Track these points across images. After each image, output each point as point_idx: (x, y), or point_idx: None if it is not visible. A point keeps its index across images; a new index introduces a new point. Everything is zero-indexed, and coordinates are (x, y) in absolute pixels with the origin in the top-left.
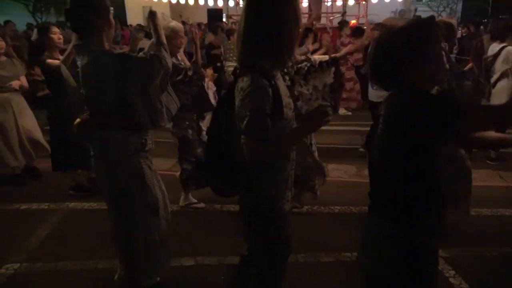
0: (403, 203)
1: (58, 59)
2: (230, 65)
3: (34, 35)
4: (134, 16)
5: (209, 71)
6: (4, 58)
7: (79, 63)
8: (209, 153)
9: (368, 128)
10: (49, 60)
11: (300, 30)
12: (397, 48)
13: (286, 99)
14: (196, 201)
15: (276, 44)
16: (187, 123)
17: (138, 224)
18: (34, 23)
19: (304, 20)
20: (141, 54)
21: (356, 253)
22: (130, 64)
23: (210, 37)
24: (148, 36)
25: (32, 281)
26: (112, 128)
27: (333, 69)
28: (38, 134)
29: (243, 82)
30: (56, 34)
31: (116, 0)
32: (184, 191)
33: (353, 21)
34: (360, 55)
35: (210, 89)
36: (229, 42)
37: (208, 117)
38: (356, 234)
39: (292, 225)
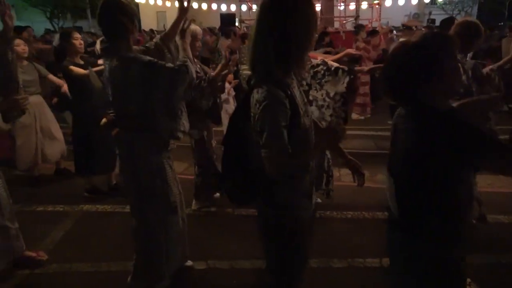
0: (430, 220)
1: (80, 64)
2: (245, 68)
3: (56, 41)
4: (148, 22)
5: (230, 77)
6: (26, 62)
7: (107, 65)
8: (225, 161)
9: (381, 133)
10: (75, 68)
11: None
12: (412, 63)
13: (303, 107)
14: (208, 204)
15: (291, 50)
16: (203, 125)
17: (160, 221)
18: (52, 28)
19: None
20: (169, 63)
21: (369, 259)
22: (158, 72)
23: (223, 41)
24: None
25: (47, 282)
26: (136, 130)
27: (347, 78)
28: (59, 135)
29: (259, 94)
30: (78, 40)
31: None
32: (195, 195)
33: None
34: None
35: (230, 94)
36: (244, 46)
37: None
38: (369, 239)
39: None
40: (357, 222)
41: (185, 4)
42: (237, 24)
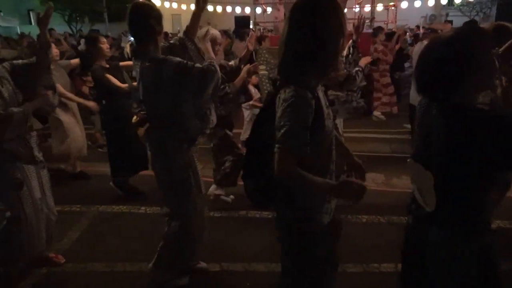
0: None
1: (107, 68)
2: (262, 69)
3: (82, 45)
4: (164, 25)
5: (254, 78)
6: (54, 64)
7: (138, 67)
8: (248, 164)
9: (397, 136)
10: (113, 78)
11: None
12: (448, 58)
13: (326, 110)
14: (225, 194)
15: (322, 56)
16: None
17: (196, 212)
18: (70, 31)
19: None
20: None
21: (384, 263)
22: (188, 72)
23: (237, 44)
24: None
25: (64, 281)
26: (167, 128)
27: (362, 75)
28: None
29: (286, 94)
30: (105, 44)
31: None
32: (219, 181)
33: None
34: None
35: (254, 94)
36: (260, 47)
37: None
38: (384, 244)
39: None
40: (372, 226)
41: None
42: (251, 26)
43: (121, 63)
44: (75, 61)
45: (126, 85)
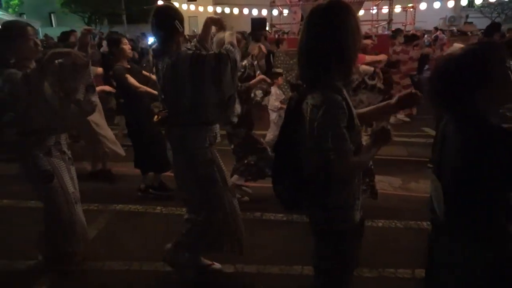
0: (477, 224)
1: (128, 68)
2: (279, 72)
3: (105, 46)
4: None
5: (280, 79)
6: None
7: (160, 66)
8: (277, 166)
9: (414, 139)
10: (131, 79)
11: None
12: (462, 76)
13: (354, 110)
14: (246, 185)
15: (345, 57)
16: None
17: (222, 203)
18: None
19: None
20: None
21: (401, 269)
22: (202, 60)
23: (253, 46)
24: None
25: (81, 278)
26: (188, 125)
27: (381, 97)
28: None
29: (314, 99)
30: (127, 45)
31: None
32: (241, 172)
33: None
34: (413, 65)
35: (278, 96)
36: (278, 50)
37: None
38: (401, 249)
39: (309, 237)
40: (389, 231)
41: (220, 23)
42: (267, 28)
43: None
44: (100, 70)
45: (145, 88)
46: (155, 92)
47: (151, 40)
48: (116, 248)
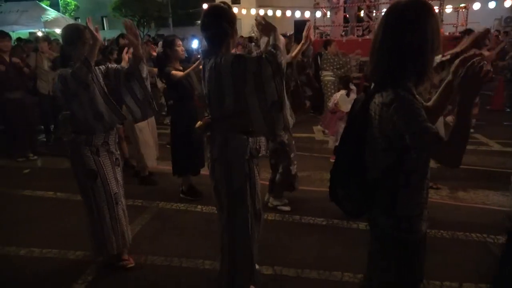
0: None
1: (180, 69)
2: (327, 75)
3: (159, 48)
4: None
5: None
6: None
7: (206, 67)
8: (337, 170)
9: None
10: (175, 72)
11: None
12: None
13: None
14: (284, 203)
15: (420, 59)
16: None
17: (248, 226)
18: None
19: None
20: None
21: (447, 282)
22: (244, 64)
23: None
24: None
25: (124, 271)
26: (231, 132)
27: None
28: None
29: (384, 98)
30: (180, 47)
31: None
32: (274, 193)
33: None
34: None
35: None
36: (326, 52)
37: None
38: (445, 261)
39: (364, 245)
40: (435, 241)
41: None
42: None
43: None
44: (155, 70)
45: (185, 73)
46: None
47: (195, 43)
48: (158, 243)
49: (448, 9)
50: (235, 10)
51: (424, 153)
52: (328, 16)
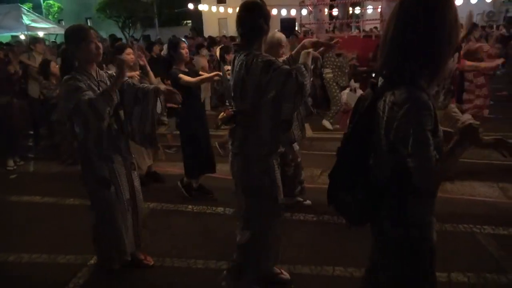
0: None
1: (185, 71)
2: (328, 72)
3: (165, 50)
4: (211, 29)
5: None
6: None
7: (236, 61)
8: (339, 174)
9: None
10: (181, 75)
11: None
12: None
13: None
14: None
15: (435, 54)
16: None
17: (267, 222)
18: (123, 37)
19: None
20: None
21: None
22: (274, 71)
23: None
24: None
25: (116, 274)
26: (251, 126)
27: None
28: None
29: (397, 96)
30: (185, 49)
31: (194, 13)
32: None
33: None
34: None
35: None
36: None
37: None
38: (460, 254)
39: (367, 238)
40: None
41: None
42: (297, 28)
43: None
44: (136, 74)
45: (190, 79)
46: (216, 77)
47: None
48: (150, 244)
49: None
50: (221, 9)
51: (439, 156)
52: (313, 14)
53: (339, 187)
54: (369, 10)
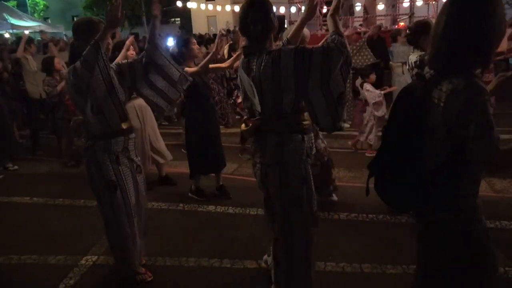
0: None
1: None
2: None
3: (174, 47)
4: (199, 26)
5: (372, 76)
6: None
7: (253, 65)
8: (386, 163)
9: None
10: (187, 69)
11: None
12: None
13: None
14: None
15: (485, 48)
16: None
17: (307, 233)
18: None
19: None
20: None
21: None
22: (309, 58)
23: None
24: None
25: (107, 273)
26: (285, 132)
27: None
28: (160, 144)
29: (456, 84)
30: (195, 45)
31: (182, 10)
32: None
33: (402, 23)
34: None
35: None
36: None
37: None
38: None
39: (358, 234)
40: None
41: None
42: (286, 25)
43: (212, 65)
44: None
45: (194, 69)
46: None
47: (170, 41)
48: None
49: (419, 2)
50: (210, 7)
51: (474, 146)
52: (303, 10)
53: (388, 175)
54: (358, 7)
